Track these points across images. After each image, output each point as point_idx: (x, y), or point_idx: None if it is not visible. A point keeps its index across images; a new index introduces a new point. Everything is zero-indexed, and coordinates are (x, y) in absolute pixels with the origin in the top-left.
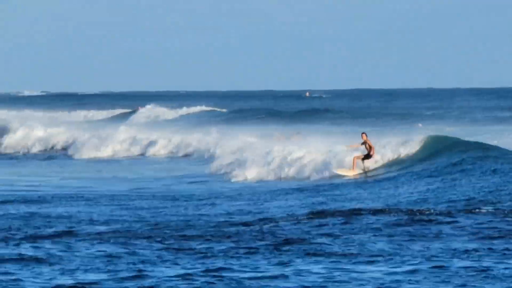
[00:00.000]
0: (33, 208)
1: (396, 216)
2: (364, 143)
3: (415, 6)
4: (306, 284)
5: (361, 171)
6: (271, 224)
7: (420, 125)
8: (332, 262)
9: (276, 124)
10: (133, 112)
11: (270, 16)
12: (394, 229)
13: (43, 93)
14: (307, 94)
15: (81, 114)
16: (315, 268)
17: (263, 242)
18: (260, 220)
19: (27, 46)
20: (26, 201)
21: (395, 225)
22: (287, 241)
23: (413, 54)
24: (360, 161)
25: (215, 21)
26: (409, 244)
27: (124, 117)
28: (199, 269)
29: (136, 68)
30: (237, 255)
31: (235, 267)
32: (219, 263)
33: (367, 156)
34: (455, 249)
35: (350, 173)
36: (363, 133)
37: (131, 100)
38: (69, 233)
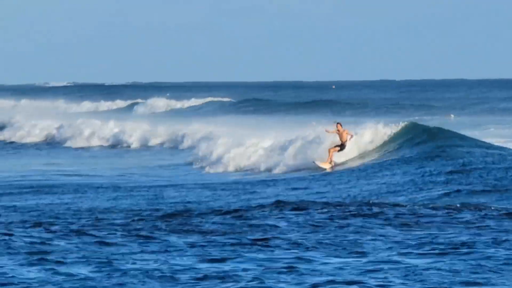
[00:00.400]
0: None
1: (411, 209)
2: (339, 133)
3: None
4: (346, 278)
5: (329, 164)
6: (284, 215)
7: (452, 115)
8: (362, 255)
9: (274, 115)
10: (143, 103)
11: (302, 9)
12: (416, 220)
13: (70, 84)
14: (333, 86)
15: (91, 105)
16: (348, 261)
17: (285, 235)
18: (271, 210)
19: (56, 39)
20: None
21: (419, 216)
22: (311, 233)
23: (443, 44)
24: (333, 153)
25: (245, 15)
26: (438, 235)
27: (128, 109)
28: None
29: (165, 59)
30: (262, 247)
31: (262, 260)
32: (234, 254)
33: (342, 147)
34: (486, 239)
35: (327, 166)
36: (338, 123)
37: (154, 91)
38: (93, 225)
